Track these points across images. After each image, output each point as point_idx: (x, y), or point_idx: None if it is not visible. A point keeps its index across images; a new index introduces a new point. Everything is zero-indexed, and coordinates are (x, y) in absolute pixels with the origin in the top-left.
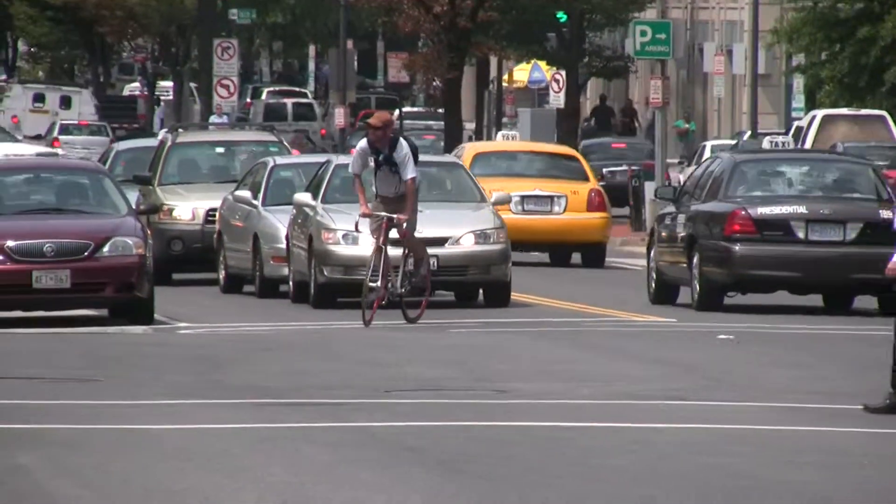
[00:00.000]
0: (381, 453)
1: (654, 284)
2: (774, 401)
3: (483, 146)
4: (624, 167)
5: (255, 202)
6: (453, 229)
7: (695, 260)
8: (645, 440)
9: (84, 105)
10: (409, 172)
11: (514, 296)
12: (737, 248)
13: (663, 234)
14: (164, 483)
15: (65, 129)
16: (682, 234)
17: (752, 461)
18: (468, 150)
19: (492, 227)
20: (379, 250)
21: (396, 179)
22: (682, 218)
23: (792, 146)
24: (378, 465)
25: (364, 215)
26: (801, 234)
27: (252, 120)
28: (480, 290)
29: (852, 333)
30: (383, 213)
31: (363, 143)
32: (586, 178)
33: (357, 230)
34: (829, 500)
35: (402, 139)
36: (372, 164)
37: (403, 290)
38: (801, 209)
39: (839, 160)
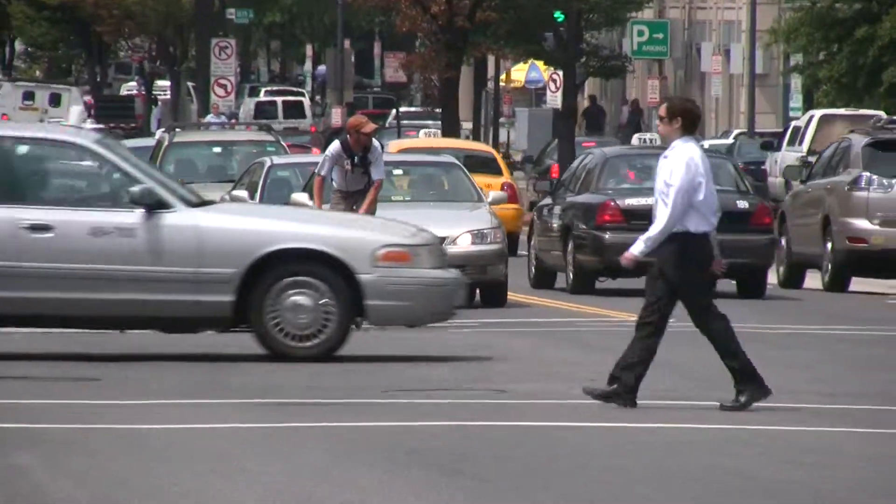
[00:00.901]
0: (380, 454)
1: (533, 270)
2: (771, 401)
3: (405, 143)
4: None
5: (252, 202)
6: (450, 229)
7: (569, 248)
8: (642, 440)
9: (73, 103)
10: (380, 173)
11: (511, 296)
12: (606, 236)
13: (541, 224)
14: (163, 483)
15: None
16: (558, 224)
17: (750, 461)
18: (392, 146)
19: (489, 227)
20: None
21: (365, 178)
22: (557, 209)
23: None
24: (376, 465)
25: None
26: None
27: (243, 118)
28: (477, 290)
29: (842, 334)
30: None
31: (337, 146)
32: (500, 173)
33: None
34: (827, 500)
35: (374, 141)
36: (347, 166)
37: None
38: None
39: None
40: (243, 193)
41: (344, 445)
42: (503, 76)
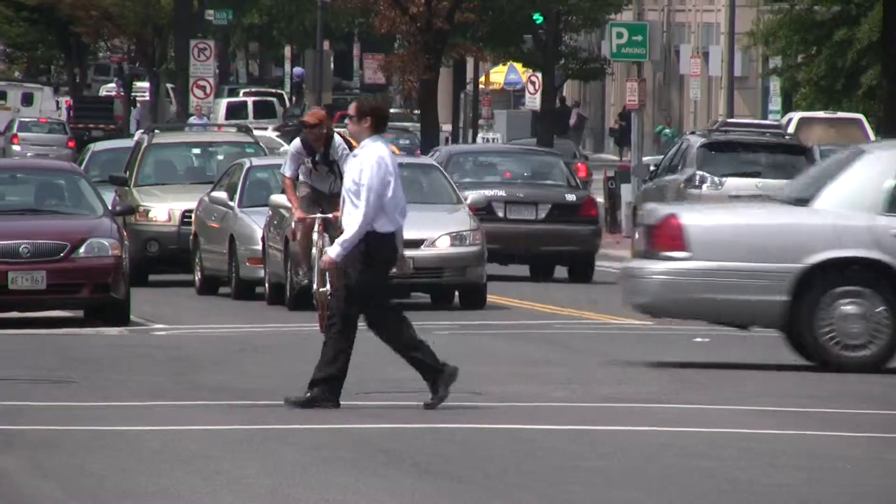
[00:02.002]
0: (357, 455)
1: None
2: (752, 404)
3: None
4: None
5: (231, 203)
6: (429, 231)
7: None
8: (623, 443)
9: (45, 102)
10: None
11: (491, 298)
12: None
13: None
14: (141, 484)
15: (24, 126)
16: None
17: (730, 464)
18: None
19: (467, 229)
20: (319, 254)
21: (332, 178)
22: None
23: (501, 142)
24: (353, 466)
25: (301, 220)
26: (500, 214)
27: (213, 118)
28: (456, 293)
29: None
30: (318, 215)
31: (297, 144)
32: None
33: (295, 238)
34: (814, 502)
35: (336, 135)
36: (309, 164)
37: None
38: (501, 192)
39: (537, 153)
40: (222, 195)
41: (320, 446)
42: (482, 78)
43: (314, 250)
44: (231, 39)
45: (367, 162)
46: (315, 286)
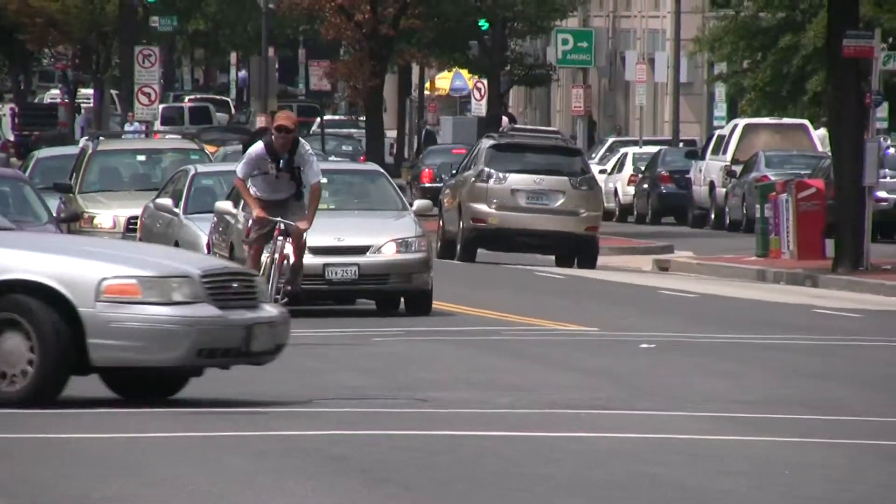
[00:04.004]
0: (305, 462)
1: None
2: (699, 410)
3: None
4: None
5: (176, 210)
6: (374, 238)
7: None
8: (570, 449)
9: None
10: (316, 175)
11: (436, 304)
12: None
13: None
14: (86, 491)
15: None
16: None
17: (679, 470)
18: None
19: (413, 235)
20: (279, 261)
21: (293, 184)
22: None
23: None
24: (302, 473)
25: (260, 219)
26: None
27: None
28: (402, 299)
29: (766, 342)
30: (278, 219)
31: (260, 148)
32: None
33: (248, 235)
34: None
35: (300, 139)
36: (272, 170)
37: (280, 300)
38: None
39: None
40: (167, 201)
41: (269, 454)
42: (427, 84)
43: (264, 257)
44: (176, 46)
45: None
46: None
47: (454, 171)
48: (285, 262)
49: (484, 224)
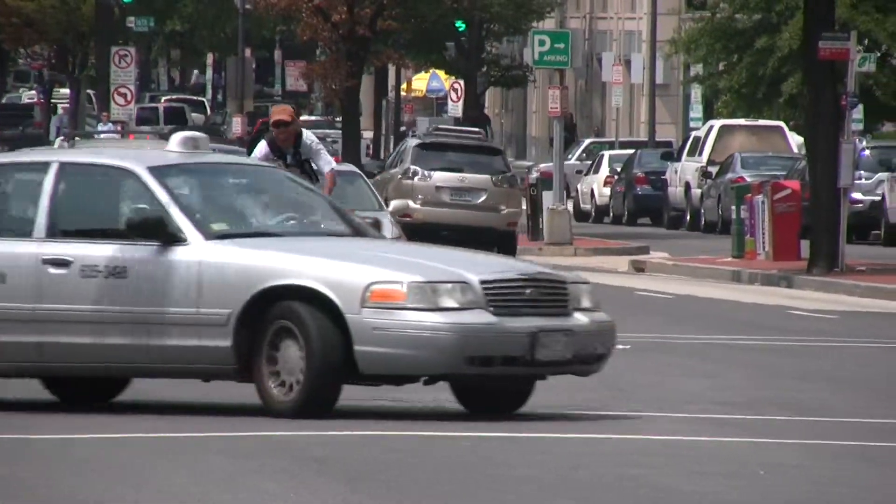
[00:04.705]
0: (286, 463)
1: None
2: (677, 411)
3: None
4: None
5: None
6: None
7: None
8: (552, 451)
9: None
10: (328, 163)
11: None
12: None
13: None
14: (67, 492)
15: None
16: None
17: (660, 472)
18: None
19: (389, 236)
20: None
21: (305, 179)
22: None
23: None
24: (283, 474)
25: None
26: None
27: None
28: None
29: (744, 343)
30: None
31: (263, 148)
32: None
33: None
34: None
35: (304, 130)
36: (281, 168)
37: None
38: None
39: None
40: None
41: (252, 454)
42: (404, 85)
43: None
44: (152, 47)
45: None
46: None
47: (379, 169)
48: None
49: (409, 219)
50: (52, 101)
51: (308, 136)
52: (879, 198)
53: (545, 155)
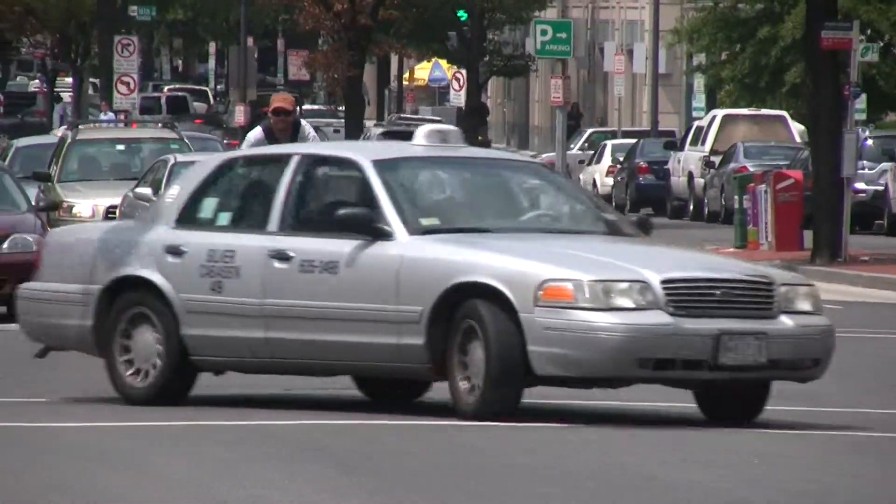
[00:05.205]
0: (282, 451)
1: None
2: (670, 400)
3: None
4: None
5: (155, 199)
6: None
7: None
8: (541, 440)
9: None
10: None
11: None
12: None
13: None
14: (65, 481)
15: None
16: None
17: (648, 460)
18: None
19: None
20: None
21: None
22: None
23: None
24: (279, 462)
25: None
26: None
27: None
28: None
29: None
30: None
31: (258, 133)
32: None
33: None
34: (722, 499)
35: (302, 120)
36: None
37: None
38: None
39: None
40: (147, 191)
41: (246, 442)
42: (406, 75)
43: None
44: (155, 35)
45: None
46: None
47: None
48: None
49: None
50: (56, 89)
51: (306, 127)
52: (882, 187)
53: (547, 145)
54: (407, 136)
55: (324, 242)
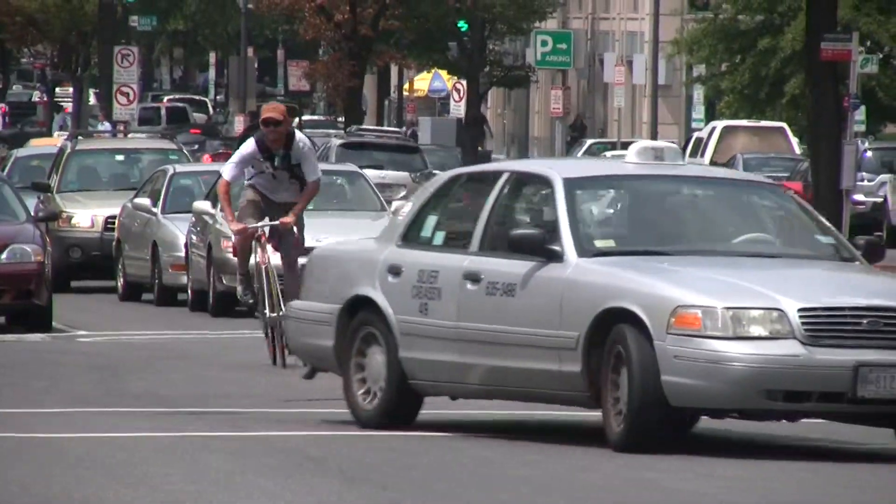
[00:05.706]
0: (282, 462)
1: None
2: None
3: None
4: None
5: (154, 210)
6: (353, 238)
7: None
8: (547, 451)
9: None
10: (314, 172)
11: None
12: None
13: None
14: (64, 491)
15: None
16: None
17: (661, 474)
18: None
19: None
20: (267, 273)
21: (294, 184)
22: None
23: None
24: (279, 473)
25: (239, 231)
26: None
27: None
28: None
29: None
30: (258, 224)
31: (251, 146)
32: None
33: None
34: None
35: (296, 132)
36: (267, 169)
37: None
38: None
39: None
40: (146, 201)
41: (246, 453)
42: (406, 85)
43: (252, 261)
44: (155, 46)
45: None
46: (265, 312)
47: None
48: (265, 266)
49: None
50: (56, 99)
51: (301, 138)
52: (882, 199)
53: (547, 155)
54: (368, 146)
55: (508, 264)
